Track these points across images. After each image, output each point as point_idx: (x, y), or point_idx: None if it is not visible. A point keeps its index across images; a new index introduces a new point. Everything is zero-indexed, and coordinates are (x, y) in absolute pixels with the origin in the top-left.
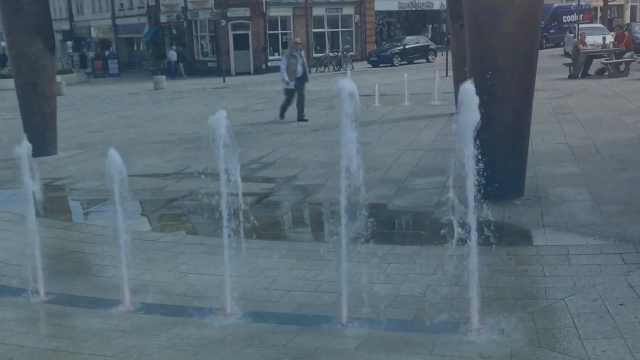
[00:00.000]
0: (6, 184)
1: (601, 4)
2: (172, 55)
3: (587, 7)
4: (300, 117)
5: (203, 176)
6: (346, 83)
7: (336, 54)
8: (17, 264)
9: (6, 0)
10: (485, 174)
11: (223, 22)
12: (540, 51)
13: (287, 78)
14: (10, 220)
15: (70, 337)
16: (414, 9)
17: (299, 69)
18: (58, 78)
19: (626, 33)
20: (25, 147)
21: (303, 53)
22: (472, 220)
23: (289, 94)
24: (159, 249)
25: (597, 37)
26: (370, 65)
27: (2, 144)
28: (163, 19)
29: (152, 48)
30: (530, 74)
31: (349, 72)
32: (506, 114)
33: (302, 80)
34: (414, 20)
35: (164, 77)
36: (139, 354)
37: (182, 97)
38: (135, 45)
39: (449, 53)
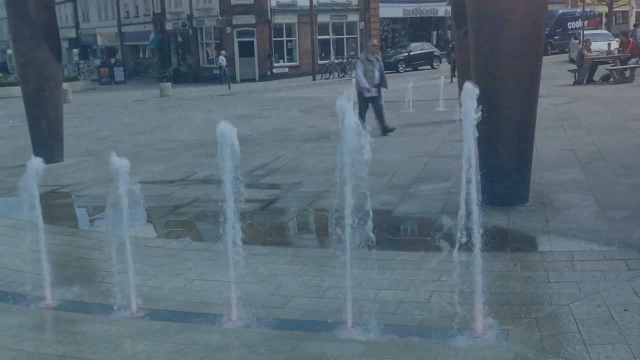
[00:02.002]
0: (13, 190)
1: (606, 10)
2: (222, 60)
3: (592, 13)
4: (385, 129)
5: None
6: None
7: (341, 60)
8: (25, 271)
9: (13, 7)
10: (489, 180)
11: (228, 29)
12: (545, 57)
13: (367, 84)
14: (17, 227)
15: (77, 343)
16: (418, 15)
17: (377, 74)
18: (64, 85)
19: (631, 39)
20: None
21: (380, 57)
22: (476, 227)
23: (363, 103)
24: (164, 255)
25: (602, 44)
26: None
27: (8, 151)
28: (169, 26)
29: (158, 55)
30: (535, 80)
31: (353, 79)
32: (510, 119)
33: (378, 87)
34: (419, 27)
35: (169, 84)
36: None
37: (188, 104)
38: (141, 52)
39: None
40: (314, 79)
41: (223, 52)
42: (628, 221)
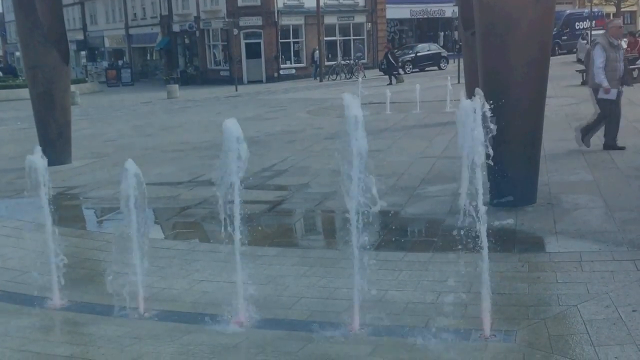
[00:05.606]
0: (21, 192)
1: (614, 10)
2: (317, 55)
3: (599, 13)
4: (612, 143)
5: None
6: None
7: (348, 61)
8: (33, 272)
9: (22, 12)
10: (497, 181)
11: (235, 31)
12: (552, 58)
13: (606, 83)
14: (26, 228)
15: (86, 344)
16: (425, 16)
17: (621, 67)
18: (72, 88)
19: (639, 40)
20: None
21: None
22: (483, 227)
23: (608, 107)
24: (172, 257)
25: None
26: (381, 73)
27: (16, 154)
28: (176, 28)
29: (165, 57)
30: (542, 81)
31: (360, 79)
32: (518, 120)
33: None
34: (426, 28)
35: (176, 86)
36: None
37: (195, 106)
38: (148, 54)
39: (461, 60)
40: (320, 81)
41: (317, 48)
42: (637, 222)
